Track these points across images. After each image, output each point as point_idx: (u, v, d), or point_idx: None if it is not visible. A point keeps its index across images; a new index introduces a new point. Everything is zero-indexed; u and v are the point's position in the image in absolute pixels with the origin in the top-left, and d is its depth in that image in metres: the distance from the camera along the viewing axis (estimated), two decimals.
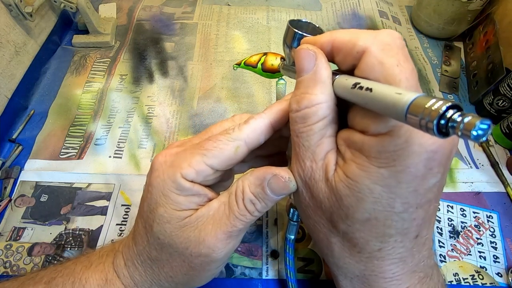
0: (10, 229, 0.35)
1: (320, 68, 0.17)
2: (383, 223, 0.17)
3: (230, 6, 0.58)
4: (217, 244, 0.20)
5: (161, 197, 0.20)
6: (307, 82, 0.18)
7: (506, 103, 0.39)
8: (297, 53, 0.18)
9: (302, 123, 0.18)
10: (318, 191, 0.18)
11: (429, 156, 0.15)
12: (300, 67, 0.18)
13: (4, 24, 0.42)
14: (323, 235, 0.20)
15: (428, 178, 0.16)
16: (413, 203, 0.16)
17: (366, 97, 0.14)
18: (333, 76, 0.17)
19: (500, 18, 0.44)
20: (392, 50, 0.16)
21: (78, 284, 0.22)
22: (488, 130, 0.10)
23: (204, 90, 0.46)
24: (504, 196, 0.37)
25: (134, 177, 0.38)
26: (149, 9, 0.58)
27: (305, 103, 0.17)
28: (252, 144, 0.20)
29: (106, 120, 0.43)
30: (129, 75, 0.48)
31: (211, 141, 0.20)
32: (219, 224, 0.20)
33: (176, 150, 0.21)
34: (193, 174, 0.19)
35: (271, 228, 0.35)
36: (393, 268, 0.18)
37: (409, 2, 0.60)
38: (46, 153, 0.40)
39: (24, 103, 0.45)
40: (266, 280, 0.32)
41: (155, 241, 0.21)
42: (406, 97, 0.12)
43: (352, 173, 0.16)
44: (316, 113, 0.17)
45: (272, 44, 0.52)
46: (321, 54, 0.18)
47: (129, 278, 0.23)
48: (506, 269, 0.32)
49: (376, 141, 0.15)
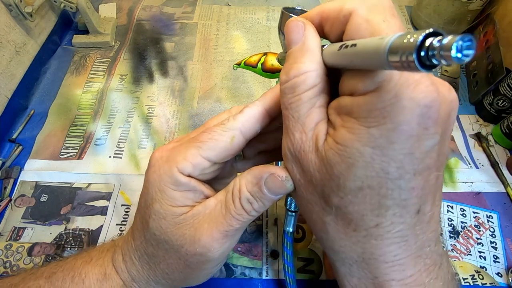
0: (10, 229, 0.35)
1: (308, 38, 0.17)
2: (377, 191, 0.15)
3: (230, 6, 0.58)
4: (212, 243, 0.19)
5: (157, 192, 0.20)
6: (296, 53, 0.17)
7: (506, 103, 0.39)
8: (286, 27, 0.18)
9: (291, 93, 0.17)
10: (308, 164, 0.17)
11: (423, 112, 0.14)
12: (289, 39, 0.18)
13: (4, 24, 0.42)
14: (316, 215, 0.18)
15: (424, 139, 0.14)
16: (409, 168, 0.15)
17: (351, 55, 0.14)
18: (322, 48, 0.17)
19: (500, 18, 0.44)
20: (378, 9, 0.15)
21: (78, 278, 0.22)
22: (471, 48, 0.09)
23: (204, 90, 0.46)
24: (504, 196, 0.37)
25: (134, 177, 0.38)
26: (149, 9, 0.58)
27: (294, 72, 0.17)
28: (248, 133, 0.20)
29: (106, 120, 0.43)
30: (129, 75, 0.48)
31: (206, 133, 0.20)
32: (215, 223, 0.19)
33: (173, 145, 0.21)
34: (189, 168, 0.19)
35: (271, 228, 0.35)
36: (394, 249, 0.16)
37: (409, 2, 0.60)
38: (46, 153, 0.40)
39: (24, 103, 0.45)
40: (266, 280, 0.32)
41: (151, 237, 0.21)
42: (386, 39, 0.11)
43: (342, 138, 0.15)
44: (304, 81, 0.17)
45: (272, 44, 0.52)
46: (309, 24, 0.18)
47: (127, 273, 0.23)
48: (506, 269, 0.32)
49: (364, 99, 0.14)
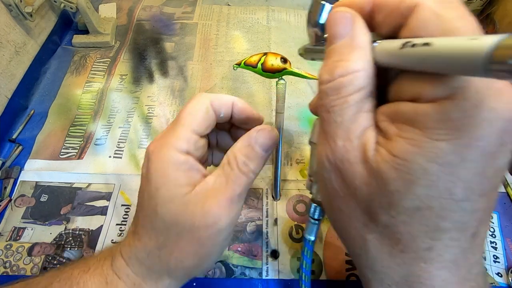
0: (10, 229, 0.35)
1: (358, 32, 0.15)
2: (437, 213, 0.13)
3: (230, 6, 0.58)
4: (221, 212, 0.20)
5: (161, 179, 0.21)
6: (342, 49, 0.15)
7: None
8: (330, 18, 0.16)
9: (334, 95, 0.15)
10: (353, 176, 0.15)
11: (505, 127, 0.12)
12: (333, 33, 0.16)
13: (4, 24, 0.42)
14: (356, 231, 0.16)
15: (499, 156, 0.13)
16: (476, 189, 0.13)
17: (422, 55, 0.12)
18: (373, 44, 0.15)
19: (500, 18, 0.44)
20: (451, 3, 0.13)
21: (76, 287, 0.22)
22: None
23: (204, 90, 0.46)
24: (504, 196, 0.37)
25: (134, 177, 0.38)
26: (149, 9, 0.58)
27: (340, 71, 0.15)
28: (217, 106, 0.23)
29: (106, 120, 0.43)
30: (129, 75, 0.48)
31: (183, 112, 0.22)
32: (219, 194, 0.21)
33: (161, 135, 0.22)
34: (184, 144, 0.21)
35: (271, 228, 0.35)
36: (444, 273, 0.15)
37: None
38: (46, 153, 0.40)
39: (24, 103, 0.45)
40: (266, 280, 0.32)
41: (161, 224, 0.21)
42: (487, 40, 0.09)
43: (400, 150, 0.13)
44: (352, 82, 0.14)
45: (272, 44, 0.52)
46: (359, 17, 0.15)
47: (134, 276, 0.22)
48: (506, 269, 0.32)
49: (433, 108, 0.12)
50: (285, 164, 0.39)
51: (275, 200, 0.36)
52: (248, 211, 0.36)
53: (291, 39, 0.52)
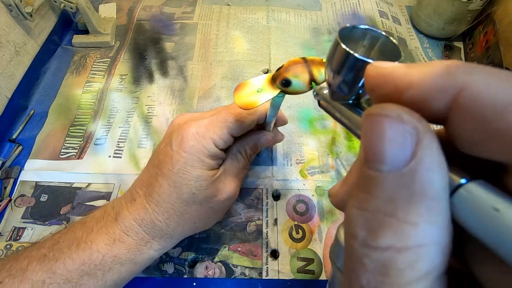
0: (10, 229, 0.35)
1: (427, 168, 0.09)
2: None
3: (230, 6, 0.58)
4: (234, 188, 0.29)
5: (197, 161, 0.26)
6: (392, 192, 0.09)
7: None
8: (368, 122, 0.10)
9: (379, 276, 0.09)
10: None
11: None
12: (373, 151, 0.09)
13: (4, 24, 0.42)
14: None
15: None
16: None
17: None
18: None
19: (500, 18, 0.44)
20: (501, 75, 0.09)
21: (84, 245, 0.24)
22: None
23: (204, 90, 0.46)
24: None
25: (134, 177, 0.38)
26: (149, 9, 0.58)
27: (390, 240, 0.09)
28: (262, 117, 0.30)
29: (106, 120, 0.43)
30: (129, 75, 0.48)
31: (233, 116, 0.27)
32: (234, 174, 0.29)
33: (204, 123, 0.27)
34: (221, 144, 0.27)
35: (271, 228, 0.35)
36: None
37: (409, 2, 0.60)
38: (46, 153, 0.40)
39: (24, 103, 0.45)
40: (266, 280, 0.32)
41: (188, 197, 0.26)
42: None
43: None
44: (412, 264, 0.08)
45: (272, 44, 0.52)
46: (430, 132, 0.09)
47: (145, 234, 0.26)
48: None
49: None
50: (285, 164, 0.39)
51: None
52: (248, 211, 0.36)
53: (291, 39, 0.52)
